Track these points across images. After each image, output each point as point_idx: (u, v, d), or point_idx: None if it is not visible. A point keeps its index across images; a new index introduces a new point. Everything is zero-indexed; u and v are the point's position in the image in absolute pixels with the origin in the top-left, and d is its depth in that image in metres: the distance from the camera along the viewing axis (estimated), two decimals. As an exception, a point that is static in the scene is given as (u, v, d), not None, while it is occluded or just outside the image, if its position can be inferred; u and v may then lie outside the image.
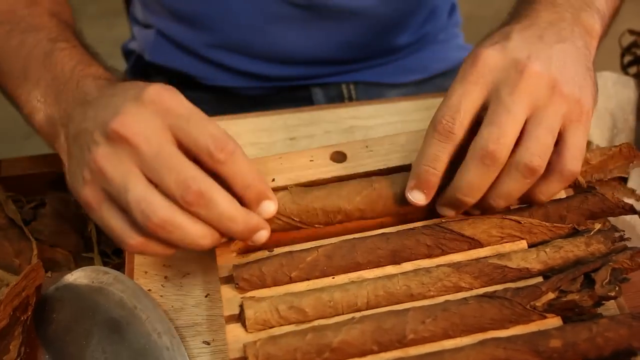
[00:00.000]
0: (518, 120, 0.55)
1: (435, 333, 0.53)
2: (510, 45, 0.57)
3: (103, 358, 0.59)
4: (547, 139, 0.55)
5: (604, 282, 0.54)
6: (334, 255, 0.58)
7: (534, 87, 0.55)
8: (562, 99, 0.56)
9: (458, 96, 0.56)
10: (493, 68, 0.56)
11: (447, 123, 0.56)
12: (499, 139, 0.54)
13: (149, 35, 0.89)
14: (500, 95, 0.55)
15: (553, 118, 0.55)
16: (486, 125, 0.55)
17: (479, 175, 0.55)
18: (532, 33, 0.58)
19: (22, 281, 0.61)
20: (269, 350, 0.53)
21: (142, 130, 0.51)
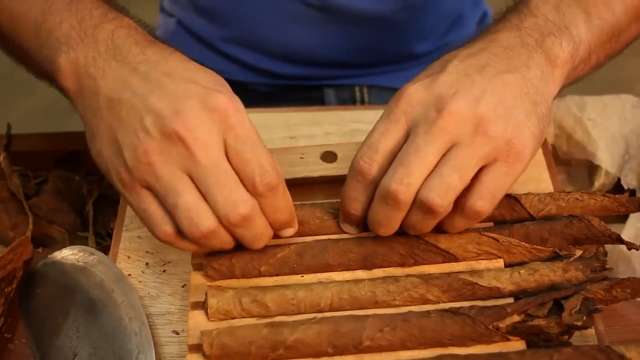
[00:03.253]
0: (427, 160, 0.53)
1: (392, 342, 0.53)
2: (440, 80, 0.55)
3: (76, 337, 0.60)
4: (451, 178, 0.52)
5: (573, 310, 0.52)
6: (305, 253, 0.58)
7: (453, 127, 0.53)
8: (485, 138, 0.53)
9: (379, 135, 0.55)
10: (415, 105, 0.55)
11: (365, 164, 0.55)
12: (403, 179, 0.53)
13: (171, 25, 0.91)
14: (417, 133, 0.54)
15: (466, 157, 0.53)
16: (395, 164, 0.54)
17: (383, 213, 0.55)
18: (475, 62, 0.56)
19: (8, 254, 0.63)
20: (224, 341, 0.53)
21: (203, 138, 0.51)
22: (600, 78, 0.75)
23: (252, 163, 0.52)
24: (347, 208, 0.57)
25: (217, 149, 0.52)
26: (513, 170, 0.55)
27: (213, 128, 0.52)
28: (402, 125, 0.55)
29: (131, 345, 0.58)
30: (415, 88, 0.55)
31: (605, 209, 0.60)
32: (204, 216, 0.52)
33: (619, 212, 0.61)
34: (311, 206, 0.60)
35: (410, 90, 0.55)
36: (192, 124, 0.51)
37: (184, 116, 0.51)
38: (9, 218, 0.71)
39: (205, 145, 0.51)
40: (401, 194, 0.53)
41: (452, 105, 0.53)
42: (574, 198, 0.60)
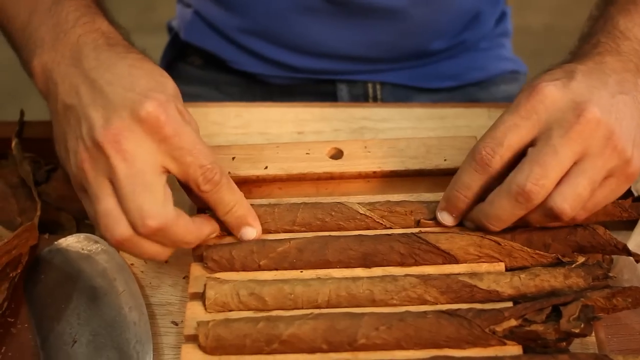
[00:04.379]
0: (564, 164, 0.53)
1: (387, 342, 0.53)
2: (573, 85, 0.54)
3: (76, 323, 0.61)
4: (585, 190, 0.53)
5: (571, 317, 0.52)
6: (305, 249, 0.58)
7: (589, 134, 0.53)
8: (614, 152, 0.53)
9: (505, 129, 0.55)
10: (550, 106, 0.54)
11: (487, 155, 0.55)
12: (539, 180, 0.53)
13: (187, 15, 0.91)
14: (552, 135, 0.53)
15: (599, 170, 0.53)
16: (529, 162, 0.53)
17: (509, 209, 0.54)
18: (596, 77, 0.56)
19: (13, 240, 0.64)
20: (219, 332, 0.53)
21: (129, 149, 0.52)
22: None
23: (192, 165, 0.54)
24: (458, 194, 0.57)
25: (143, 160, 0.52)
26: (621, 188, 0.56)
27: (143, 139, 0.53)
28: (532, 123, 0.54)
29: (129, 334, 0.59)
30: (549, 88, 0.54)
31: (608, 213, 0.60)
32: (118, 224, 0.53)
33: (622, 217, 0.60)
34: (312, 207, 0.60)
35: (546, 89, 0.54)
36: (119, 135, 0.52)
37: (113, 127, 0.52)
38: (17, 203, 0.72)
39: (131, 156, 0.52)
40: (534, 195, 0.53)
41: (591, 112, 0.53)
42: (579, 203, 0.59)
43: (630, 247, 0.64)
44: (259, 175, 0.65)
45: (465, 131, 0.73)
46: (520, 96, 0.55)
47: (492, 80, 0.92)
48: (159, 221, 0.52)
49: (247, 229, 0.58)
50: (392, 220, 0.60)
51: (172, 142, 0.53)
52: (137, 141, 0.53)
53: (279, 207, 0.61)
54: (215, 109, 0.75)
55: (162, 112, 0.53)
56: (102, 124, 0.53)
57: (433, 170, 0.64)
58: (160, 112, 0.53)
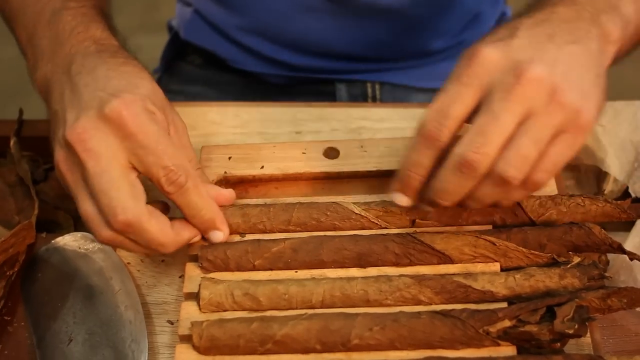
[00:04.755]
0: (505, 129, 0.51)
1: (381, 342, 0.53)
2: (514, 44, 0.53)
3: (72, 322, 0.61)
4: (529, 150, 0.51)
5: (565, 318, 0.52)
6: (300, 249, 0.58)
7: (531, 94, 0.51)
8: (559, 107, 0.52)
9: (449, 99, 0.53)
10: (490, 69, 0.52)
11: (434, 129, 0.53)
12: (480, 148, 0.51)
13: (187, 14, 0.91)
14: (492, 100, 0.51)
15: (543, 128, 0.52)
16: (471, 132, 0.52)
17: (455, 181, 0.53)
18: (542, 30, 0.54)
19: (10, 238, 0.64)
20: (213, 332, 0.53)
21: (95, 148, 0.53)
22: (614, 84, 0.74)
23: (154, 165, 0.53)
24: (410, 173, 0.55)
25: (108, 157, 0.53)
26: (577, 142, 0.53)
27: (108, 136, 0.53)
28: (475, 89, 0.52)
29: (125, 333, 0.59)
30: (488, 50, 0.52)
31: (606, 215, 0.59)
32: (100, 225, 0.54)
33: (621, 218, 0.59)
34: (308, 207, 0.60)
35: (484, 52, 0.52)
36: (85, 134, 0.53)
37: (79, 126, 0.53)
38: (15, 202, 0.72)
39: (96, 154, 0.53)
40: (478, 164, 0.51)
41: (531, 71, 0.51)
42: (575, 203, 0.59)
43: (628, 248, 0.64)
44: (255, 174, 0.65)
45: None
46: (460, 63, 0.53)
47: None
48: (128, 216, 0.53)
49: (215, 232, 0.58)
50: (387, 220, 0.60)
51: (135, 140, 0.53)
52: (103, 139, 0.53)
53: (274, 206, 0.61)
54: (214, 109, 0.75)
55: (125, 109, 0.53)
56: (71, 122, 0.54)
57: (429, 170, 0.64)
58: (124, 109, 0.53)
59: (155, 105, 0.56)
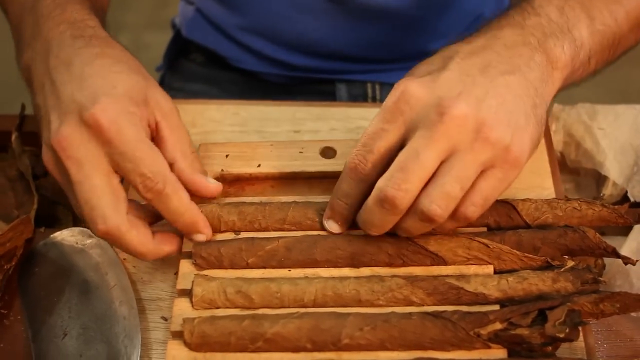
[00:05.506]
0: (427, 167, 0.51)
1: (371, 342, 0.53)
2: (441, 79, 0.53)
3: (67, 316, 0.61)
4: (453, 189, 0.51)
5: (557, 321, 0.51)
6: (294, 248, 0.58)
7: (454, 131, 0.51)
8: (485, 144, 0.52)
9: (374, 134, 0.54)
10: (414, 105, 0.53)
11: (360, 163, 0.55)
12: (401, 185, 0.51)
13: (189, 12, 0.92)
14: (415, 137, 0.52)
15: (468, 166, 0.52)
16: (393, 166, 0.52)
17: (378, 215, 0.54)
18: (476, 61, 0.54)
19: (8, 232, 0.64)
20: (205, 329, 0.53)
21: (75, 155, 0.53)
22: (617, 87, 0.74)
23: (132, 173, 0.54)
24: (337, 201, 0.57)
25: (90, 165, 0.53)
26: (508, 176, 0.53)
27: (89, 143, 0.53)
28: (398, 125, 0.53)
29: (118, 328, 0.59)
30: (414, 87, 0.53)
31: (603, 219, 0.59)
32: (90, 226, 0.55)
33: (617, 223, 0.59)
34: (303, 206, 0.60)
35: (409, 88, 0.53)
36: (66, 142, 0.53)
37: (61, 134, 0.53)
38: (15, 197, 0.73)
39: (78, 162, 0.53)
40: (398, 200, 0.52)
41: (454, 109, 0.51)
42: (571, 207, 0.59)
43: (625, 252, 0.64)
44: (252, 173, 0.65)
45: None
46: (388, 98, 0.54)
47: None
48: (108, 226, 0.53)
49: (197, 235, 0.59)
50: (382, 220, 0.60)
51: (112, 146, 0.53)
52: (84, 146, 0.53)
53: (270, 205, 0.61)
54: (214, 106, 0.75)
55: (102, 115, 0.53)
56: (55, 129, 0.54)
57: (426, 171, 0.64)
58: (101, 115, 0.53)
59: (135, 101, 0.55)
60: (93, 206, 0.53)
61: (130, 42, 1.97)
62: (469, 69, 0.54)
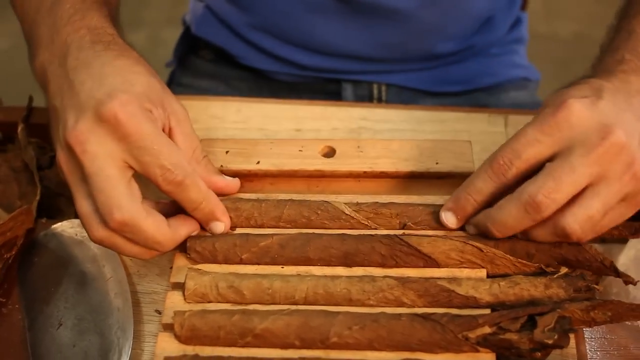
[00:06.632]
0: (579, 183, 0.52)
1: (359, 342, 0.53)
2: (601, 105, 0.53)
3: (63, 307, 0.62)
4: (597, 213, 0.53)
5: (546, 327, 0.51)
6: (287, 245, 0.58)
7: (611, 158, 0.52)
8: (633, 179, 0.53)
9: (526, 142, 0.54)
10: (575, 124, 0.53)
11: (504, 165, 0.55)
12: (551, 194, 0.52)
13: (199, 9, 0.92)
14: (572, 153, 0.52)
15: (614, 195, 0.53)
16: (545, 175, 0.53)
17: (516, 217, 0.54)
18: (622, 98, 0.55)
19: (9, 222, 0.65)
20: (195, 323, 0.54)
21: (90, 149, 0.53)
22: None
23: (151, 165, 0.54)
24: (468, 196, 0.57)
25: (104, 157, 0.53)
26: (629, 213, 0.55)
27: (105, 138, 0.53)
28: (554, 139, 0.53)
29: (112, 320, 0.60)
30: (576, 106, 0.53)
31: None
32: (93, 225, 0.55)
33: (612, 235, 0.59)
34: (299, 204, 0.61)
35: (573, 106, 0.53)
36: (82, 137, 0.53)
37: (77, 129, 0.54)
38: (19, 187, 0.73)
39: (93, 155, 0.53)
40: (544, 207, 0.52)
41: (616, 136, 0.52)
42: (568, 215, 0.59)
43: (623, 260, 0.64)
44: (251, 169, 0.65)
45: (464, 136, 0.72)
46: (546, 110, 0.54)
47: (502, 87, 0.92)
48: (124, 214, 0.53)
49: (216, 223, 0.59)
50: (377, 222, 0.60)
51: (131, 141, 0.53)
52: (100, 141, 0.54)
53: (266, 202, 0.61)
54: (217, 103, 0.76)
55: (120, 110, 0.53)
56: (71, 125, 0.54)
57: (424, 173, 0.64)
58: (119, 110, 0.53)
59: (152, 101, 0.56)
60: (108, 196, 0.53)
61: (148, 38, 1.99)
62: (620, 104, 0.54)
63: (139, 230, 0.54)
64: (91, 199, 0.54)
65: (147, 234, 0.55)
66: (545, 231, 0.55)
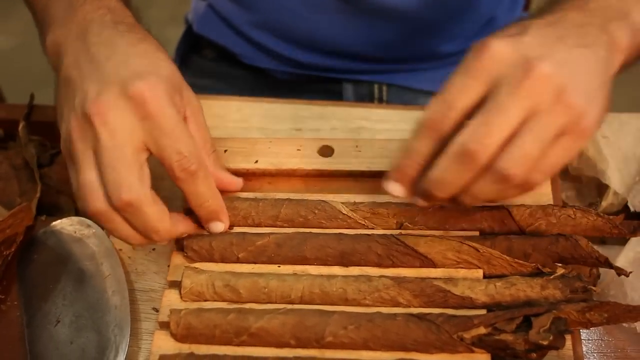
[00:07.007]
0: (510, 123, 0.50)
1: (355, 341, 0.53)
2: (525, 40, 0.52)
3: (61, 304, 0.62)
4: (532, 149, 0.50)
5: (541, 329, 0.51)
6: (284, 244, 0.58)
7: (538, 90, 0.50)
8: (565, 108, 0.51)
9: (455, 90, 0.52)
10: (499, 62, 0.51)
11: (437, 118, 0.52)
12: (483, 140, 0.50)
13: (201, 8, 0.93)
14: (499, 93, 0.50)
15: (548, 128, 0.51)
16: (474, 122, 0.50)
17: (453, 172, 0.52)
18: (552, 31, 0.53)
19: (8, 219, 0.66)
20: (190, 321, 0.54)
21: (112, 122, 0.53)
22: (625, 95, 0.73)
23: (168, 149, 0.54)
24: (408, 160, 0.54)
25: (124, 134, 0.53)
26: (576, 145, 0.52)
27: (127, 114, 0.53)
28: (482, 82, 0.51)
29: (110, 317, 0.60)
30: (498, 44, 0.51)
31: (597, 229, 0.58)
32: (95, 196, 0.53)
33: (612, 234, 0.58)
34: (296, 204, 0.61)
35: (494, 45, 0.51)
36: (105, 108, 0.53)
37: (100, 100, 0.53)
38: (19, 185, 0.74)
39: (112, 129, 0.53)
40: (479, 154, 0.50)
41: (540, 68, 0.50)
42: (566, 215, 0.59)
43: (621, 262, 0.63)
44: (249, 168, 0.65)
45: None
46: (470, 55, 0.52)
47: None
48: (132, 195, 0.53)
49: (216, 223, 0.59)
50: (374, 221, 0.60)
51: (154, 121, 0.53)
52: (122, 116, 0.53)
53: (263, 201, 0.61)
54: (218, 102, 0.76)
55: (148, 90, 0.53)
56: (93, 96, 0.54)
57: (422, 173, 0.64)
58: (147, 90, 0.53)
59: (175, 88, 0.56)
60: (120, 173, 0.53)
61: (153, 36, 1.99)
62: (548, 37, 0.53)
63: (142, 215, 0.54)
64: (100, 172, 0.53)
65: (148, 220, 0.54)
66: (487, 182, 0.52)
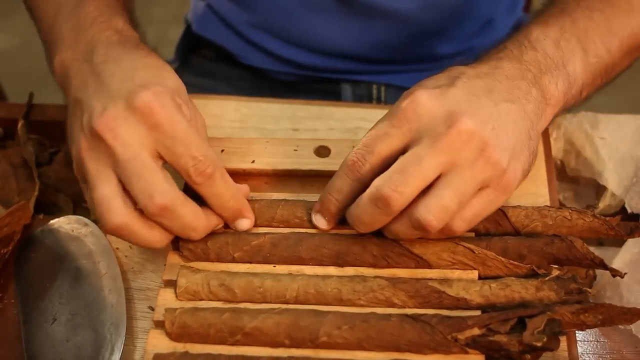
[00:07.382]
0: (427, 174, 0.52)
1: (349, 341, 0.53)
2: (451, 93, 0.54)
3: (58, 302, 0.62)
4: (451, 202, 0.52)
5: (535, 330, 0.51)
6: (280, 244, 0.58)
7: (459, 145, 0.52)
8: (487, 164, 0.52)
9: (377, 136, 0.54)
10: (423, 115, 0.53)
11: (358, 162, 0.55)
12: (398, 187, 0.51)
13: (200, 8, 0.93)
14: (419, 144, 0.52)
15: (467, 182, 0.52)
16: (393, 169, 0.53)
17: (370, 213, 0.54)
18: (481, 84, 0.55)
19: (6, 217, 0.66)
20: (185, 320, 0.54)
21: (123, 136, 0.53)
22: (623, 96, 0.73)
23: (183, 156, 0.54)
24: (328, 196, 0.57)
25: (138, 145, 0.53)
26: (498, 200, 0.55)
27: (138, 127, 0.53)
28: (404, 132, 0.54)
29: (106, 316, 0.60)
30: (425, 97, 0.53)
31: (593, 230, 0.58)
32: (113, 210, 0.53)
33: (608, 235, 0.59)
34: (292, 204, 0.61)
35: (419, 98, 0.53)
36: (114, 123, 0.53)
37: (108, 115, 0.53)
38: (17, 183, 0.74)
39: (124, 142, 0.53)
40: (393, 201, 0.52)
41: (462, 123, 0.52)
42: (562, 216, 0.59)
43: (618, 263, 0.64)
44: (246, 169, 0.65)
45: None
46: (397, 103, 0.54)
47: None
48: (167, 198, 0.53)
49: (242, 220, 0.59)
50: (370, 221, 0.60)
51: (164, 131, 0.53)
52: (131, 128, 0.53)
53: (259, 202, 0.61)
54: (216, 102, 0.76)
55: (154, 100, 0.53)
56: (99, 112, 0.54)
57: (419, 173, 0.64)
58: (153, 100, 0.53)
59: (182, 98, 0.56)
60: (148, 181, 0.53)
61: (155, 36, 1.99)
62: (475, 90, 0.54)
63: (178, 216, 0.54)
64: (126, 184, 0.53)
65: (186, 220, 0.55)
66: (402, 225, 0.54)
